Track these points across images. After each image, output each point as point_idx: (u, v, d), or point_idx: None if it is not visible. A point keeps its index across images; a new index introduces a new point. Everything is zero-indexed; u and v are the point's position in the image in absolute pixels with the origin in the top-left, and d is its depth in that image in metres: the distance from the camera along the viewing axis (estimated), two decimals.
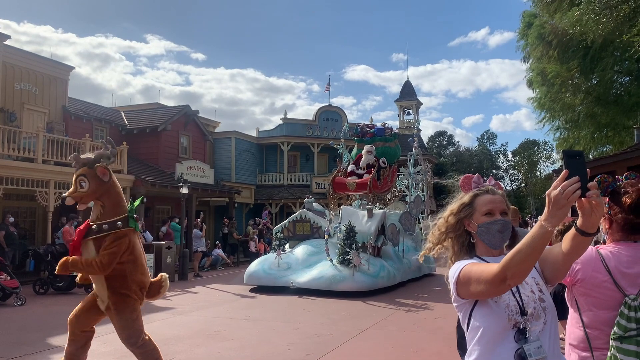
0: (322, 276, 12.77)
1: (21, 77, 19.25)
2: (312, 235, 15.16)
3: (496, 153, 67.77)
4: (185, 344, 7.75)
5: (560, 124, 21.89)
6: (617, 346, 2.30)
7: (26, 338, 8.04)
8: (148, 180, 19.68)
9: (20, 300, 11.24)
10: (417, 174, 19.41)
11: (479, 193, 2.15)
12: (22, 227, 17.25)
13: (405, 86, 43.04)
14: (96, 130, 22.50)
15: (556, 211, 1.66)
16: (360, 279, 12.62)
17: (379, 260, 13.64)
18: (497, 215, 2.08)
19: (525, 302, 1.96)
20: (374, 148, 16.83)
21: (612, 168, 11.05)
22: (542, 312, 1.96)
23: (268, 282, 13.37)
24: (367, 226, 13.75)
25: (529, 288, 2.00)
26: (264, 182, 31.97)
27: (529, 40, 19.94)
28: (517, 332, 1.91)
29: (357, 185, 15.95)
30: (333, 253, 13.26)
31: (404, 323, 9.35)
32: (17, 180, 15.18)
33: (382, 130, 17.30)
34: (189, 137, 26.42)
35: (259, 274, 13.69)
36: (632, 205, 2.40)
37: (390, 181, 17.26)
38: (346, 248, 13.00)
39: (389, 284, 13.40)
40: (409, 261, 15.46)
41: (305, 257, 14.05)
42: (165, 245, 16.03)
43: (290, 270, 13.48)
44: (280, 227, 15.68)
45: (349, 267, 12.71)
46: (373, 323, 9.27)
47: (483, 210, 2.10)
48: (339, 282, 12.53)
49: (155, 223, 22.32)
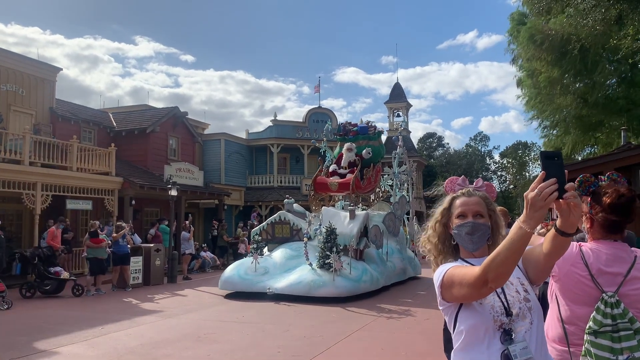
0: (301, 281, 12.19)
1: (7, 78, 19.04)
2: (292, 237, 14.35)
3: (483, 155, 68.12)
4: (174, 347, 7.68)
5: (549, 124, 22.05)
6: (591, 340, 2.36)
7: (13, 342, 7.92)
8: (136, 182, 19.53)
9: (7, 304, 11.08)
10: (402, 174, 18.80)
11: (457, 196, 2.17)
12: (9, 230, 17.02)
13: (394, 88, 43.16)
14: (84, 132, 22.32)
15: (534, 213, 1.66)
16: (341, 283, 12.07)
17: (361, 264, 13.13)
18: (468, 218, 2.08)
19: (510, 303, 1.95)
20: (354, 146, 16.35)
21: (600, 169, 11.10)
22: (527, 312, 1.96)
23: (244, 288, 12.67)
24: (349, 228, 13.19)
25: (514, 288, 1.99)
26: (254, 184, 31.90)
27: (519, 41, 20.05)
28: (503, 333, 1.91)
29: (339, 185, 15.51)
30: (313, 257, 12.71)
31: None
32: (4, 182, 15.00)
33: (365, 129, 16.91)
34: (177, 139, 26.28)
35: (234, 279, 13.00)
36: (612, 205, 2.44)
37: (374, 181, 16.81)
38: (326, 251, 12.43)
39: (372, 289, 12.86)
40: (393, 264, 14.98)
41: (284, 261, 13.40)
42: (153, 248, 15.91)
43: (267, 275, 12.81)
44: (258, 230, 14.87)
45: (329, 271, 12.19)
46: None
47: (456, 212, 2.12)
48: (318, 287, 11.96)
49: (143, 225, 22.18)
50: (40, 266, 13.04)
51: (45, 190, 16.16)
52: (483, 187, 2.24)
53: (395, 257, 15.40)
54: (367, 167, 16.41)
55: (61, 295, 13.12)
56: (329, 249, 12.43)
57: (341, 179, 15.88)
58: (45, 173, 16.20)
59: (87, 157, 18.22)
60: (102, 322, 9.44)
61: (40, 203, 15.91)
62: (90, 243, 13.76)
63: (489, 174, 67.00)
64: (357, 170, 15.70)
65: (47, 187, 16.25)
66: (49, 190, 16.30)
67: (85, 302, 12.24)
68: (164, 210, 22.63)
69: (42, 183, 16.08)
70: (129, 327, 9.12)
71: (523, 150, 61.89)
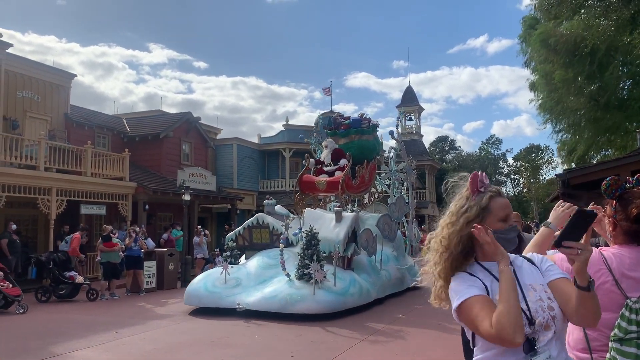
0: (276, 295, 10.36)
1: (23, 85, 19.28)
2: (273, 243, 12.39)
3: (495, 159, 67.68)
4: (189, 351, 7.71)
5: (563, 127, 21.86)
6: (616, 348, 2.29)
7: (28, 346, 8.00)
8: (150, 187, 19.66)
9: (23, 308, 11.20)
10: (400, 172, 16.59)
11: (492, 195, 1.99)
12: (24, 235, 17.22)
13: (406, 92, 43.06)
14: (98, 138, 22.54)
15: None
16: (322, 297, 10.19)
17: (348, 274, 11.31)
18: (511, 221, 1.99)
19: (533, 311, 1.86)
20: (332, 142, 14.58)
21: (615, 172, 10.97)
22: (552, 321, 1.87)
23: (210, 303, 10.86)
24: (334, 232, 11.47)
25: (537, 295, 1.89)
26: (266, 188, 31.94)
27: (531, 45, 19.95)
28: (526, 343, 1.82)
29: (327, 184, 13.74)
30: (293, 266, 10.90)
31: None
32: (20, 187, 15.17)
33: (358, 121, 15.03)
34: (190, 144, 26.42)
35: (199, 292, 11.16)
36: (637, 216, 2.38)
37: (369, 180, 14.81)
38: (306, 260, 10.62)
39: (361, 302, 11.04)
40: (388, 273, 13.13)
41: (260, 271, 11.54)
42: (167, 253, 16.00)
43: (239, 288, 10.99)
44: (233, 235, 13.06)
45: (309, 283, 10.34)
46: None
47: (500, 215, 1.97)
48: (295, 302, 10.13)
49: (157, 230, 22.32)
50: (56, 271, 13.16)
51: (60, 196, 16.33)
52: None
53: (391, 265, 13.55)
54: (360, 164, 14.43)
55: (76, 300, 13.23)
56: (309, 257, 10.65)
57: (330, 177, 14.04)
58: (60, 178, 16.38)
59: (101, 163, 18.40)
60: (116, 327, 9.50)
61: (55, 208, 16.07)
62: (103, 247, 13.86)
63: (502, 177, 66.59)
64: (347, 167, 13.82)
65: (62, 192, 16.42)
66: (63, 195, 16.46)
67: (99, 307, 12.32)
68: (177, 214, 22.75)
69: (57, 188, 16.25)
70: (143, 332, 9.16)
71: (536, 154, 61.37)
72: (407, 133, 40.65)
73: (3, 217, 16.23)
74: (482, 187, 2.01)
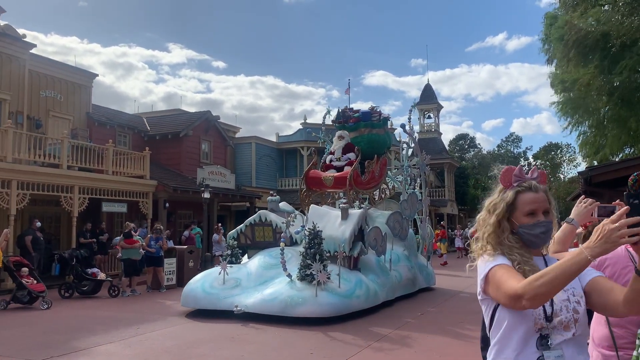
0: (276, 297, 9.78)
1: (46, 84, 19.59)
2: (276, 242, 11.58)
3: (516, 157, 66.93)
4: (209, 347, 7.77)
5: (588, 123, 21.49)
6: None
7: (52, 341, 8.14)
8: (170, 185, 19.84)
9: (46, 304, 11.40)
10: (413, 168, 15.62)
11: (521, 190, 2.00)
12: (48, 232, 17.52)
13: (425, 89, 42.82)
14: (119, 136, 22.81)
15: (603, 244, 1.64)
16: (325, 300, 9.62)
17: (355, 275, 10.70)
18: (539, 216, 1.97)
19: (556, 308, 1.87)
20: (347, 133, 14.00)
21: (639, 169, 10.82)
22: (573, 323, 1.87)
23: (207, 305, 10.34)
24: (340, 230, 10.89)
25: (566, 295, 1.89)
26: (284, 186, 32.03)
27: (552, 42, 19.67)
28: (540, 338, 1.85)
29: (335, 180, 13.04)
30: (296, 266, 10.28)
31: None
32: (43, 185, 15.43)
33: (368, 114, 14.39)
34: (210, 143, 26.62)
35: (196, 293, 10.61)
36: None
37: (379, 175, 14.10)
38: (308, 259, 10.02)
39: (367, 305, 10.40)
40: (398, 273, 12.44)
41: (261, 271, 10.92)
42: (187, 250, 16.15)
43: (239, 289, 10.42)
44: (235, 233, 12.48)
45: (311, 284, 9.76)
46: None
47: (525, 210, 1.97)
48: (296, 305, 9.53)
49: (177, 228, 22.54)
50: (78, 267, 13.37)
51: (82, 193, 16.57)
52: (538, 177, 2.06)
53: (402, 265, 12.88)
54: (370, 159, 13.82)
55: (98, 296, 13.42)
56: (311, 256, 10.04)
57: (338, 172, 13.38)
58: (82, 176, 16.62)
59: (123, 161, 18.63)
60: (137, 322, 9.62)
61: (78, 206, 16.31)
62: (124, 244, 14.03)
63: None
64: (356, 162, 13.19)
65: (84, 190, 16.66)
66: (85, 193, 16.70)
67: (121, 303, 12.48)
68: (197, 212, 22.93)
69: (80, 186, 16.49)
70: (164, 328, 9.27)
71: (555, 152, 60.58)
72: (425, 131, 40.47)
73: (27, 214, 16.52)
74: (517, 181, 2.02)
